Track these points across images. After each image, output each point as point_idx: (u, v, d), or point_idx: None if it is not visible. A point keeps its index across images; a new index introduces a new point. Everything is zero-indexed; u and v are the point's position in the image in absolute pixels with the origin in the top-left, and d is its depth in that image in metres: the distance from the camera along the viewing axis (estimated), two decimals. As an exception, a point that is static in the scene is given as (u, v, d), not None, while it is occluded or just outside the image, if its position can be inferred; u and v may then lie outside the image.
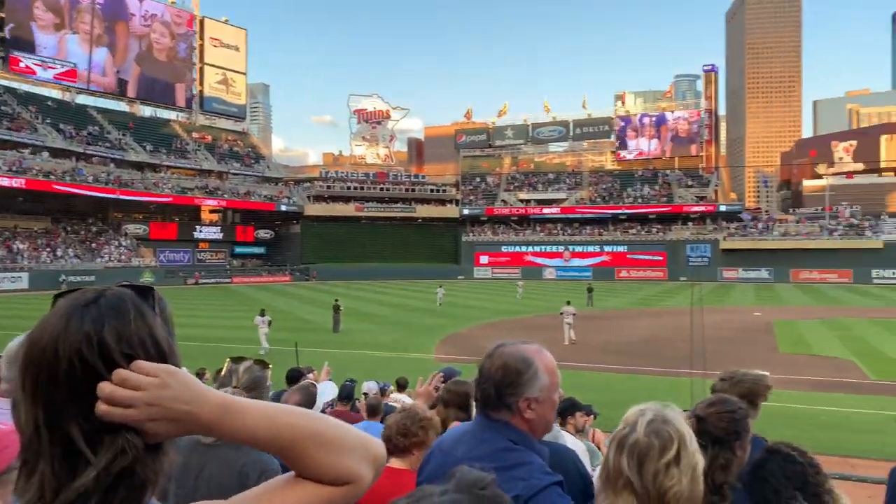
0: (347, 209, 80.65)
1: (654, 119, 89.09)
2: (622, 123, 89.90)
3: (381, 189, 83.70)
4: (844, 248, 66.48)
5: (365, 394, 8.54)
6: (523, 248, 77.83)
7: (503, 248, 78.09)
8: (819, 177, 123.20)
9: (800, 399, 15.89)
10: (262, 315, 23.81)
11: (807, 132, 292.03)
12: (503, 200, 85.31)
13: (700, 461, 1.64)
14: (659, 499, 1.58)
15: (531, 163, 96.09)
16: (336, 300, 30.79)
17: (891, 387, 17.27)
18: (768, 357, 21.54)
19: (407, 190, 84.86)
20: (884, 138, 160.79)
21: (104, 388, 0.84)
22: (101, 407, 0.84)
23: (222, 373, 3.32)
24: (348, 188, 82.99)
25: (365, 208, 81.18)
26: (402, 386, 9.88)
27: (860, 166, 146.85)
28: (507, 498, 0.93)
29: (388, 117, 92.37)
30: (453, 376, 5.59)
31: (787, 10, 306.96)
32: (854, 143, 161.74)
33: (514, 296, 47.65)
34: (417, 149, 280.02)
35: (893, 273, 63.45)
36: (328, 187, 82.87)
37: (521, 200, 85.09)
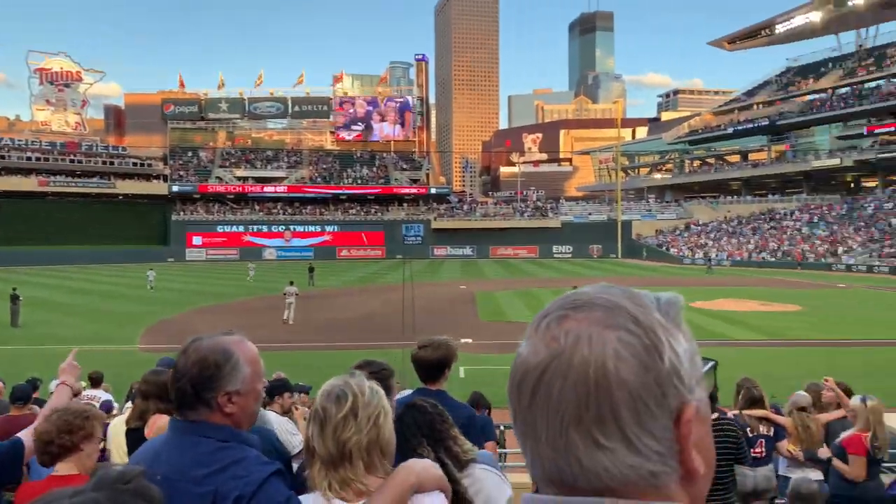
0: (28, 183, 69.52)
1: (398, 104, 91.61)
2: (368, 107, 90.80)
3: (72, 161, 73.64)
4: (532, 227, 76.02)
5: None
6: (241, 228, 74.92)
7: (219, 228, 74.25)
8: (513, 164, 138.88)
9: (499, 361, 17.77)
10: None
11: (503, 124, 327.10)
12: (218, 177, 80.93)
13: (385, 411, 1.77)
14: (340, 454, 1.68)
15: (248, 139, 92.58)
16: (14, 289, 26.37)
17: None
18: (472, 325, 23.72)
19: (105, 163, 75.91)
20: (562, 132, 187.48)
21: None
22: None
23: None
24: (28, 159, 71.48)
25: (51, 183, 70.68)
26: (95, 381, 8.82)
27: (544, 156, 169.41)
28: (154, 490, 0.89)
29: (80, 80, 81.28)
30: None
31: (487, 10, 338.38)
32: (540, 135, 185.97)
33: (236, 277, 45.88)
34: (116, 118, 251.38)
35: (568, 248, 74.36)
36: (2, 157, 70.45)
37: (239, 178, 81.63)
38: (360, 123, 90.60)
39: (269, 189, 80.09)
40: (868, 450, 4.68)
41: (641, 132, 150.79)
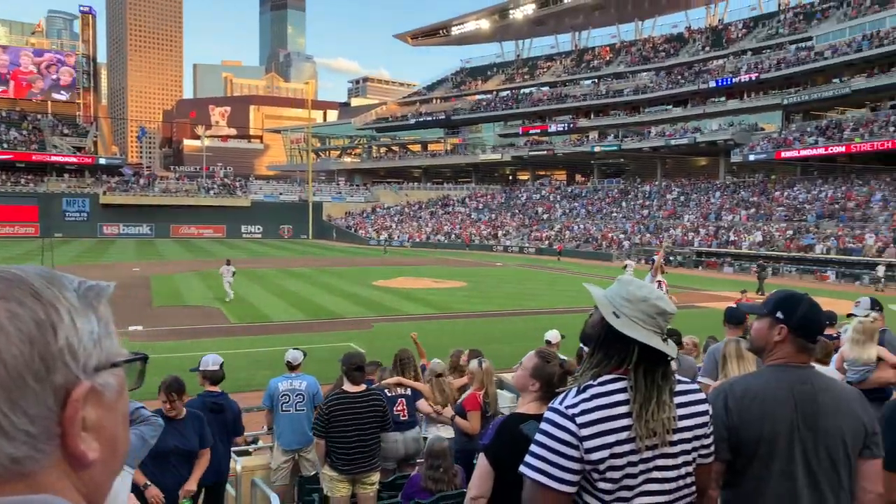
0: None
1: (58, 59, 77.97)
2: (18, 59, 75.50)
3: None
4: (219, 205, 72.49)
5: None
6: None
7: None
8: (198, 137, 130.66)
9: (175, 348, 16.60)
10: None
11: (188, 93, 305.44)
12: None
13: None
14: None
15: None
16: None
17: (248, 328, 19.76)
18: (143, 311, 21.79)
19: None
20: (252, 108, 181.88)
21: None
22: None
23: None
24: None
25: None
26: None
27: (233, 131, 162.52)
28: None
29: None
30: None
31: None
32: (229, 109, 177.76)
33: None
34: None
35: (258, 228, 72.74)
36: None
37: None
38: (5, 77, 76.37)
39: None
40: (482, 405, 5.43)
41: (332, 115, 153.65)
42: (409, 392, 6.37)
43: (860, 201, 45.29)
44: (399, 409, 6.14)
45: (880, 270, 33.95)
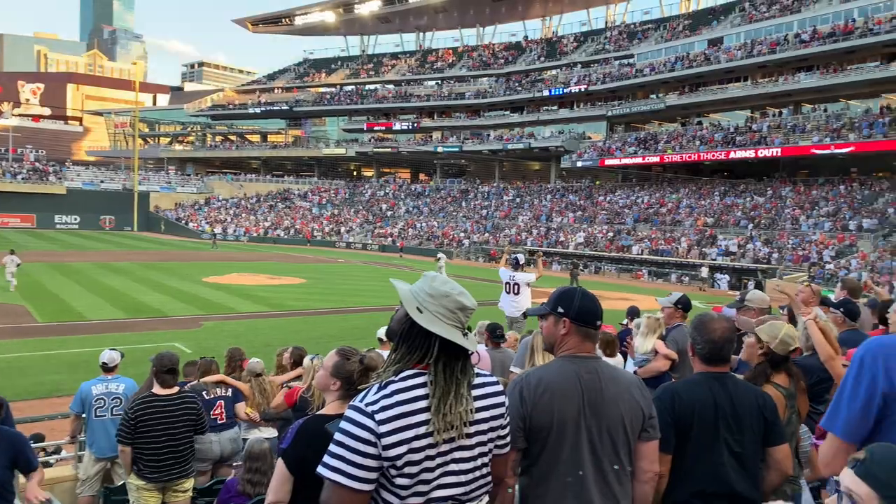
0: None
1: None
2: None
3: None
4: (28, 192, 65.15)
5: None
6: None
7: None
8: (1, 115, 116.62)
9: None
10: None
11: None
12: None
13: None
14: None
15: None
16: None
17: (58, 327, 17.95)
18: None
19: None
20: (70, 87, 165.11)
21: None
22: None
23: None
24: None
25: None
26: None
27: (47, 111, 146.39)
28: None
29: None
30: None
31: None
32: (42, 86, 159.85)
33: None
34: None
35: (75, 218, 66.29)
36: None
37: None
38: None
39: None
40: (295, 400, 5.32)
41: (163, 100, 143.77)
42: (228, 393, 6.12)
43: (671, 207, 50.12)
44: (217, 412, 5.88)
45: (704, 271, 37.54)
